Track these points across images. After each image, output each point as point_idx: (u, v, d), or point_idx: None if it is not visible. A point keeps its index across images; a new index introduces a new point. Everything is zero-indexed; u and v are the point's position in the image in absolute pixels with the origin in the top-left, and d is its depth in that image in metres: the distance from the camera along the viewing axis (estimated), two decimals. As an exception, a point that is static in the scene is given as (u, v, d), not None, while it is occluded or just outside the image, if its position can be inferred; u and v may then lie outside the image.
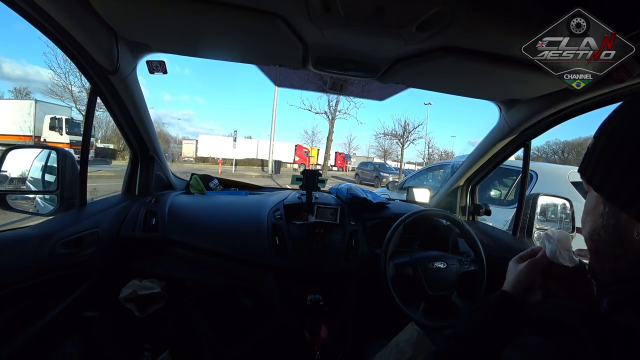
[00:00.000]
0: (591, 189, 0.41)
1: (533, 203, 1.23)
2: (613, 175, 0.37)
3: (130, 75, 0.99)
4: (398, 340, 0.79)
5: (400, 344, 0.78)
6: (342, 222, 1.24)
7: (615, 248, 0.38)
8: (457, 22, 0.64)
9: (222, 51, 0.96)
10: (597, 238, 0.40)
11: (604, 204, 0.39)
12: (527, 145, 1.20)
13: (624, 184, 0.36)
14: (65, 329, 0.93)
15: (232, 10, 0.69)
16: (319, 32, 0.74)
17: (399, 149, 20.28)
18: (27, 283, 0.76)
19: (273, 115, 16.69)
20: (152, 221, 1.14)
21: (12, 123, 11.75)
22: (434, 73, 0.91)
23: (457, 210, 1.52)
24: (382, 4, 0.61)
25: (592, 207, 0.41)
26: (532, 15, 0.63)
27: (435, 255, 1.08)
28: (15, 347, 0.75)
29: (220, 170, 14.82)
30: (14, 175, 1.07)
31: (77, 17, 0.73)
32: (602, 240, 0.39)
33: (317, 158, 22.31)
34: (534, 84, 0.89)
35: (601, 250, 0.40)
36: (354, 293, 1.16)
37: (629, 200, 0.35)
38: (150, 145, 1.28)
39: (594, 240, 0.40)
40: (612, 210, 0.37)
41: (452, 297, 1.04)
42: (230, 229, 1.18)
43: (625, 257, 0.37)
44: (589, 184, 0.41)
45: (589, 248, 0.43)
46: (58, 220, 0.92)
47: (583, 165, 0.44)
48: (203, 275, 1.15)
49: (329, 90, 1.18)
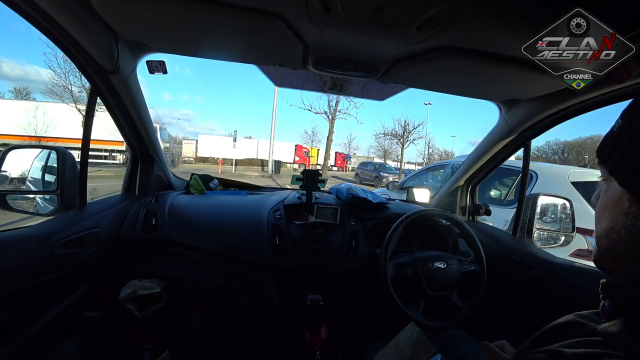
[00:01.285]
0: (613, 181, 0.35)
1: (533, 203, 1.23)
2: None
3: (130, 75, 0.99)
4: (398, 340, 0.79)
5: (400, 343, 0.78)
6: (342, 222, 1.24)
7: (637, 250, 0.32)
8: (457, 22, 0.64)
9: (222, 51, 0.96)
10: (616, 237, 0.34)
11: (630, 202, 0.33)
12: (527, 145, 1.20)
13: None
14: (65, 329, 0.93)
15: (232, 11, 0.69)
16: (319, 32, 0.74)
17: (399, 149, 20.30)
18: (27, 283, 0.76)
19: (273, 115, 16.71)
20: (152, 221, 1.14)
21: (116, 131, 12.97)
22: (434, 73, 0.91)
23: (457, 210, 1.52)
24: (382, 4, 0.61)
25: (613, 202, 0.35)
26: (532, 15, 0.63)
27: (435, 255, 1.08)
28: (15, 347, 0.75)
29: (220, 170, 14.81)
30: (14, 175, 1.07)
31: (77, 17, 0.73)
32: (623, 241, 0.34)
33: (317, 158, 22.31)
34: (534, 84, 0.89)
35: (619, 251, 0.34)
36: (354, 293, 1.16)
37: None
38: (150, 145, 1.28)
39: (612, 240, 0.35)
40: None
41: (452, 297, 1.04)
42: (230, 229, 1.18)
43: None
44: (611, 174, 0.35)
45: (602, 246, 0.37)
46: (58, 220, 0.92)
47: (605, 151, 0.36)
48: (203, 275, 1.15)
49: (329, 90, 1.18)
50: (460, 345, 0.94)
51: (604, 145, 0.36)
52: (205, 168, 15.12)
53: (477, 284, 1.07)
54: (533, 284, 1.03)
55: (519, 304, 1.09)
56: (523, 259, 1.08)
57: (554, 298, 0.95)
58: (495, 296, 1.14)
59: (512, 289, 1.12)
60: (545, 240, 1.32)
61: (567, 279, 0.94)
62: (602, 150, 0.36)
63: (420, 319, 0.98)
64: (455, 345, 0.95)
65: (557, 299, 0.94)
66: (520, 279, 1.08)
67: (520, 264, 1.09)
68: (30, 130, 13.39)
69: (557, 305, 0.93)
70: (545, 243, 1.30)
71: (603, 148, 0.36)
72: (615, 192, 0.34)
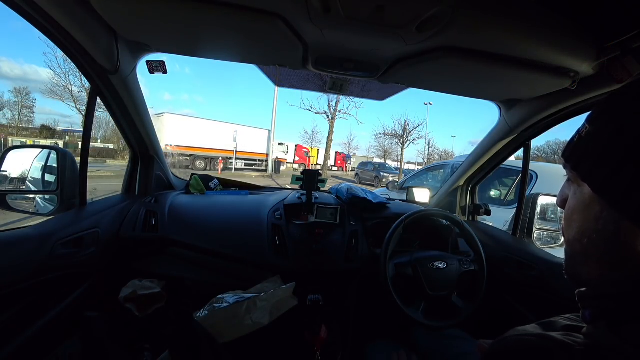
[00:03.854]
0: (583, 184, 0.34)
1: (533, 203, 1.23)
2: (621, 176, 0.29)
3: (130, 75, 0.99)
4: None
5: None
6: (342, 222, 1.24)
7: (611, 255, 0.31)
8: (457, 22, 0.64)
9: (222, 51, 0.96)
10: (588, 242, 0.33)
11: (602, 207, 0.31)
12: (527, 145, 1.20)
13: (637, 191, 0.28)
14: (65, 329, 0.93)
15: (232, 11, 0.68)
16: (319, 32, 0.74)
17: (399, 149, 20.31)
18: (27, 283, 0.76)
19: (273, 116, 16.69)
20: (152, 221, 1.14)
21: (257, 144, 17.15)
22: (434, 73, 0.91)
23: (457, 210, 1.52)
24: (382, 4, 0.61)
25: (584, 206, 0.34)
26: (532, 15, 0.63)
27: (435, 255, 1.08)
28: (15, 347, 0.75)
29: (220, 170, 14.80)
30: (14, 175, 1.07)
31: (77, 17, 0.73)
32: (595, 245, 0.33)
33: (317, 158, 22.31)
34: (534, 84, 0.89)
35: (592, 255, 0.33)
36: (354, 293, 1.16)
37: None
38: (150, 145, 1.28)
39: (584, 244, 0.34)
40: (614, 216, 0.30)
41: (452, 297, 1.04)
42: (230, 229, 1.18)
43: (624, 268, 0.31)
44: (583, 180, 0.34)
45: (573, 250, 0.36)
46: (58, 220, 0.92)
47: (575, 156, 0.35)
48: (203, 275, 1.15)
49: (329, 90, 1.18)
50: (460, 345, 0.94)
51: (572, 151, 0.35)
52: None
53: (477, 284, 1.07)
54: (533, 283, 1.03)
55: (519, 303, 1.09)
56: (523, 259, 1.08)
57: (554, 298, 0.95)
58: (495, 296, 1.14)
59: (512, 289, 1.12)
60: (545, 240, 1.32)
61: (566, 279, 0.94)
62: (571, 155, 0.36)
63: (420, 319, 0.98)
64: (455, 345, 0.95)
65: (557, 299, 0.94)
66: (520, 278, 1.08)
67: (520, 264, 1.09)
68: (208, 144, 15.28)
69: (557, 305, 0.93)
70: (545, 243, 1.30)
71: (571, 153, 0.35)
72: (586, 197, 0.33)
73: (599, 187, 0.32)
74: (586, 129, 0.34)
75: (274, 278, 1.06)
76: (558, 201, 0.40)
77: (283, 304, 0.95)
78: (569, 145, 0.36)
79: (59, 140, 19.35)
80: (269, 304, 0.93)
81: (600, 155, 0.32)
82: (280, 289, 0.97)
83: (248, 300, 0.93)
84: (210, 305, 0.93)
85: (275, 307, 0.93)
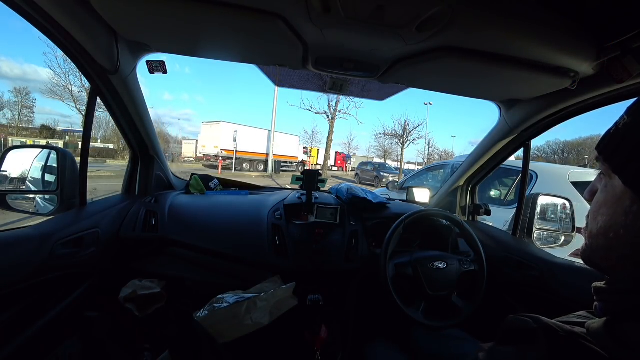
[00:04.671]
0: (614, 178, 0.33)
1: (533, 203, 1.23)
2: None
3: (130, 75, 0.99)
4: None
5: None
6: (342, 222, 1.24)
7: (635, 251, 0.31)
8: (457, 22, 0.64)
9: (222, 51, 0.96)
10: (614, 237, 0.32)
11: (633, 201, 0.31)
12: (527, 145, 1.20)
13: None
14: (65, 329, 0.93)
15: (232, 11, 0.68)
16: (319, 32, 0.74)
17: (399, 149, 20.30)
18: (27, 283, 0.76)
19: (273, 116, 16.71)
20: (152, 221, 1.14)
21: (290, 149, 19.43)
22: (434, 73, 0.91)
23: (457, 210, 1.52)
24: (382, 4, 0.61)
25: (614, 200, 0.33)
26: (532, 15, 0.63)
27: (435, 255, 1.08)
28: (15, 347, 0.75)
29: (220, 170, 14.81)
30: (14, 175, 1.07)
31: (77, 17, 0.73)
32: (621, 242, 0.32)
33: (317, 158, 22.31)
34: (534, 84, 0.89)
35: (616, 250, 0.33)
36: (354, 293, 1.16)
37: None
38: (150, 145, 1.28)
39: (609, 239, 0.33)
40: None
41: (452, 297, 1.04)
42: (230, 229, 1.18)
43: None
44: (615, 173, 0.33)
45: (597, 244, 0.35)
46: (58, 220, 0.92)
47: (609, 149, 0.34)
48: (203, 275, 1.15)
49: (329, 90, 1.18)
50: (460, 345, 0.94)
51: (607, 142, 0.34)
52: (206, 168, 15.16)
53: (477, 284, 1.07)
54: (533, 284, 1.03)
55: (519, 303, 1.09)
56: (523, 259, 1.08)
57: (554, 298, 0.95)
58: (495, 296, 1.14)
59: (512, 289, 1.12)
60: (545, 240, 1.32)
61: (567, 279, 0.94)
62: (604, 147, 0.35)
63: (420, 319, 0.98)
64: (455, 345, 0.95)
65: (557, 299, 0.94)
66: (520, 279, 1.07)
67: (520, 264, 1.09)
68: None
69: (557, 305, 0.93)
70: (545, 243, 1.30)
71: (606, 145, 0.34)
72: (617, 190, 0.32)
73: (632, 180, 0.31)
74: (624, 120, 0.33)
75: (274, 278, 1.06)
76: (586, 194, 0.39)
77: (283, 304, 0.95)
78: (605, 137, 0.35)
79: (59, 140, 19.36)
80: (269, 304, 0.93)
81: (635, 147, 0.31)
82: (280, 289, 0.97)
83: (248, 300, 0.92)
84: (210, 305, 0.93)
85: (275, 307, 0.93)
